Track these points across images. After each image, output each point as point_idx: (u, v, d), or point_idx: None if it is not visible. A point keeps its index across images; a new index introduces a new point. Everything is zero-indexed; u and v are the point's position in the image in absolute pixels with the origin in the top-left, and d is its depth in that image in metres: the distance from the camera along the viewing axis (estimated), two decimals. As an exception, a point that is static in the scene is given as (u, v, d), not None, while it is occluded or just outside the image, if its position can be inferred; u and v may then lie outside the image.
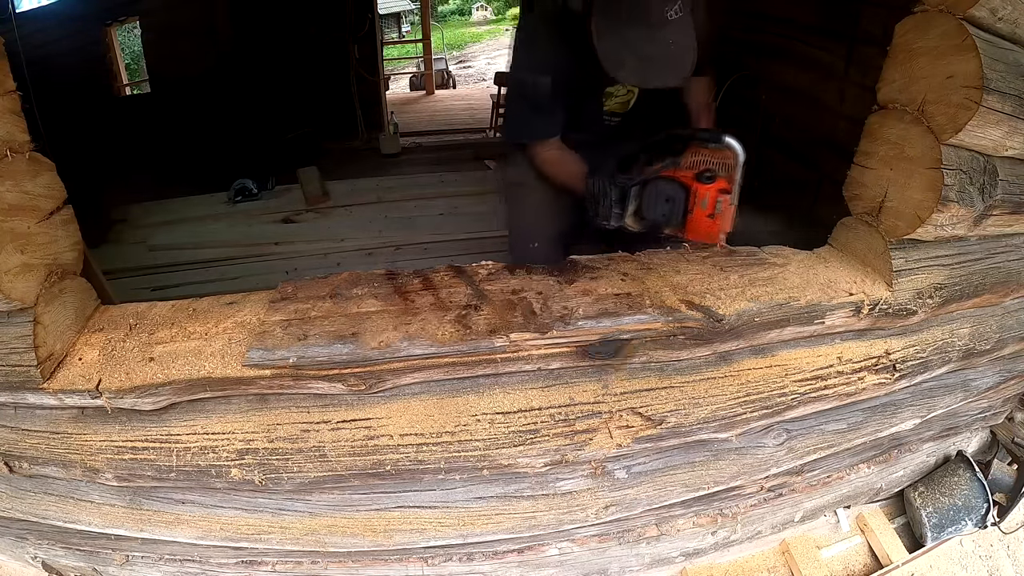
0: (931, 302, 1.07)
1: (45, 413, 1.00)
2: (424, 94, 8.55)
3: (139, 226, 2.96)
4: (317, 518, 1.15)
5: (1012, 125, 0.90)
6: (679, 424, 1.06)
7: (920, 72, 0.93)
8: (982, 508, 1.59)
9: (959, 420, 1.55)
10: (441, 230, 2.87)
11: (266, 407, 0.99)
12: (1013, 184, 0.99)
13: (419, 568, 1.31)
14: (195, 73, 4.44)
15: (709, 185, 1.12)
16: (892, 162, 1.00)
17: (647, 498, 1.21)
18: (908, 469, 1.63)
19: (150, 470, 1.01)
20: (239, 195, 3.15)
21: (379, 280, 1.05)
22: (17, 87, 0.84)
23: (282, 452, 1.00)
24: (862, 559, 1.63)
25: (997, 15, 0.87)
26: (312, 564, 1.29)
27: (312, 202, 3.10)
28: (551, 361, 0.99)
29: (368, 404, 1.00)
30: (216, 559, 1.29)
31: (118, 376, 0.91)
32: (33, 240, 0.87)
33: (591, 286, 1.02)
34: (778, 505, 1.45)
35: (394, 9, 15.57)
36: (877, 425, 1.32)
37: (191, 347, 0.93)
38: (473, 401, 1.01)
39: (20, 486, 1.15)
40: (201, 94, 4.49)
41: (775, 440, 1.23)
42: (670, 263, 1.09)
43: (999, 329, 1.27)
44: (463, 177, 3.57)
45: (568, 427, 1.03)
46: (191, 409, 0.99)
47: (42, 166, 0.90)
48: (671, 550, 1.44)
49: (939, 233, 0.99)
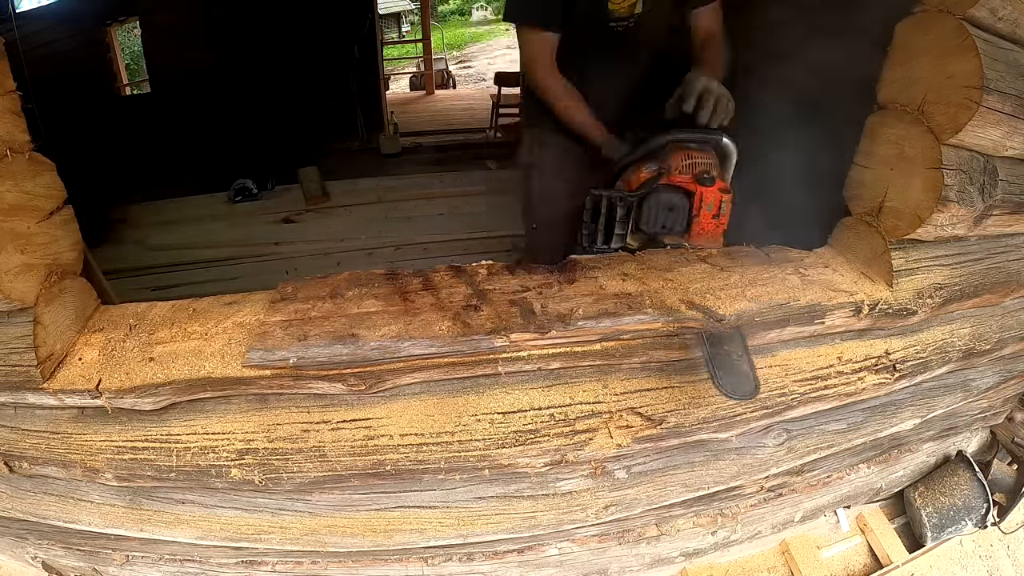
0: (931, 302, 1.07)
1: (45, 413, 1.00)
2: (424, 94, 8.56)
3: (139, 226, 2.97)
4: (317, 518, 1.15)
5: (1012, 125, 0.90)
6: (679, 424, 1.06)
7: (920, 72, 0.93)
8: (982, 508, 1.59)
9: (959, 420, 1.55)
10: (441, 230, 2.88)
11: (266, 407, 0.99)
12: (1013, 184, 0.99)
13: (419, 568, 1.31)
14: (195, 73, 4.45)
15: (712, 187, 1.09)
16: (892, 162, 1.00)
17: (647, 498, 1.21)
18: (908, 469, 1.63)
19: (150, 470, 1.01)
20: (239, 195, 3.15)
21: (379, 280, 1.05)
22: (17, 87, 0.84)
23: (282, 452, 1.00)
24: (862, 559, 1.63)
25: (997, 15, 0.87)
26: (312, 564, 1.29)
27: (312, 202, 3.10)
28: (551, 361, 0.99)
29: (368, 404, 1.00)
30: (216, 559, 1.29)
31: (118, 376, 0.91)
32: (33, 240, 0.87)
33: (591, 286, 1.02)
34: (778, 505, 1.45)
35: (394, 9, 15.58)
36: (877, 425, 1.32)
37: (191, 347, 0.93)
38: (473, 401, 1.01)
39: (20, 486, 1.15)
40: (201, 94, 4.49)
41: (775, 440, 1.23)
42: (670, 263, 1.09)
43: (999, 329, 1.27)
44: (463, 177, 3.57)
45: (568, 427, 1.03)
46: (191, 409, 0.99)
47: (42, 166, 0.90)
48: (671, 550, 1.44)
49: (939, 233, 0.99)
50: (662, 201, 1.09)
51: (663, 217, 1.10)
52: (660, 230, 1.11)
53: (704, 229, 1.11)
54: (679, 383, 1.06)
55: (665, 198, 1.09)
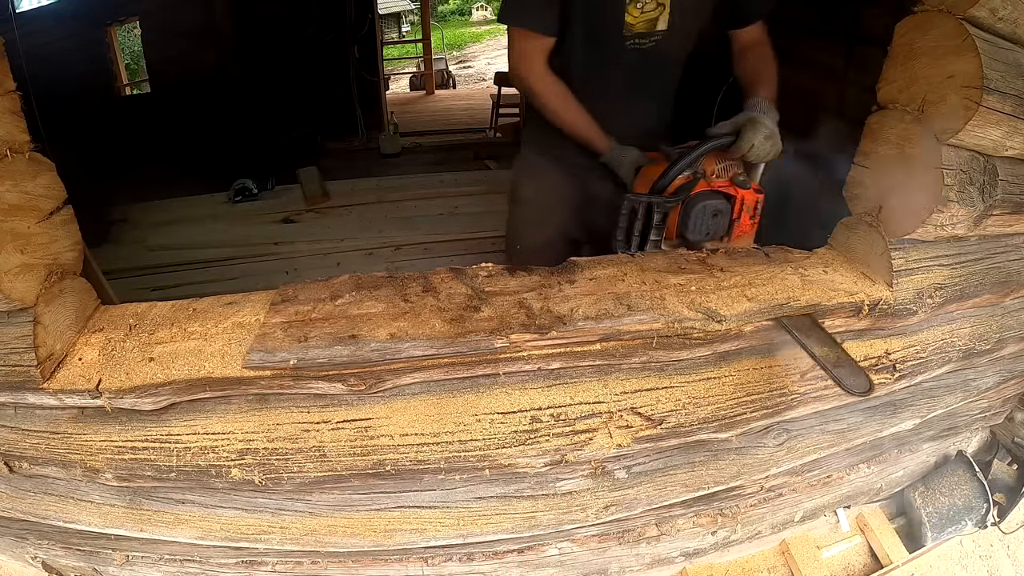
0: (931, 302, 1.07)
1: (45, 413, 1.00)
2: (424, 94, 8.56)
3: (139, 226, 2.97)
4: (317, 518, 1.15)
5: (1012, 125, 0.90)
6: (679, 424, 1.06)
7: (920, 72, 0.93)
8: (982, 508, 1.59)
9: (959, 420, 1.55)
10: (441, 230, 2.87)
11: (266, 407, 0.99)
12: (1013, 184, 0.99)
13: (419, 568, 1.31)
14: (195, 73, 4.45)
15: (749, 190, 1.09)
16: (892, 162, 1.00)
17: (647, 498, 1.21)
18: (908, 469, 1.63)
19: (150, 470, 1.01)
20: (239, 195, 3.15)
21: (379, 282, 1.05)
22: (17, 87, 0.84)
23: (282, 452, 1.00)
24: (862, 559, 1.63)
25: (997, 15, 0.87)
26: (312, 564, 1.29)
27: (312, 202, 3.10)
28: (551, 361, 0.99)
29: (368, 404, 1.00)
30: (216, 559, 1.29)
31: (118, 376, 0.91)
32: (33, 240, 0.87)
33: (591, 287, 1.02)
34: (778, 505, 1.45)
35: (394, 9, 15.57)
36: (877, 425, 1.32)
37: (191, 347, 0.93)
38: (473, 401, 1.01)
39: (20, 486, 1.15)
40: (201, 94, 4.50)
41: (775, 440, 1.23)
42: (670, 263, 1.09)
43: (999, 329, 1.27)
44: (463, 177, 3.57)
45: (568, 427, 1.03)
46: (191, 409, 0.99)
47: (42, 166, 0.90)
48: (671, 550, 1.44)
49: (939, 233, 0.99)
50: (708, 207, 1.08)
51: (708, 223, 1.09)
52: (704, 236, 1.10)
53: (744, 231, 1.11)
54: (679, 383, 1.06)
55: (712, 204, 1.08)
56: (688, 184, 1.11)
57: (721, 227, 1.10)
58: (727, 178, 1.11)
